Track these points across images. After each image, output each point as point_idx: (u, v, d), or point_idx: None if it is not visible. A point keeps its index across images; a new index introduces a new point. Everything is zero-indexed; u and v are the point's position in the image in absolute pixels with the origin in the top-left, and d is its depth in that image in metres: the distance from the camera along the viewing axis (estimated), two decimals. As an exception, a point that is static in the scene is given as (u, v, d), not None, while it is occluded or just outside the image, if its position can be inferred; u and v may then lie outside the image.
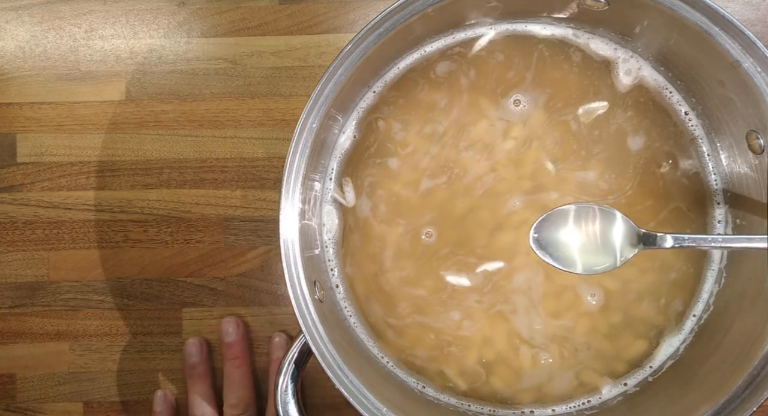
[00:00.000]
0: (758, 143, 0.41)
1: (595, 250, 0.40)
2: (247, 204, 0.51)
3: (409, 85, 0.46)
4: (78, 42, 0.52)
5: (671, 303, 0.46)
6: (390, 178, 0.46)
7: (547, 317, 0.45)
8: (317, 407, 0.50)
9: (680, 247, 0.38)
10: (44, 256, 0.52)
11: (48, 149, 0.52)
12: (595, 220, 0.40)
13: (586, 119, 0.46)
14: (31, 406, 0.51)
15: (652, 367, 0.46)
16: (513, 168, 0.46)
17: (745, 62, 0.39)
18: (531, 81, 0.46)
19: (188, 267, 0.51)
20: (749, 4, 0.50)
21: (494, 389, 0.46)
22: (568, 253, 0.40)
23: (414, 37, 0.45)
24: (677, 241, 0.38)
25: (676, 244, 0.38)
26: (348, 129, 0.47)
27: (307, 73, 0.51)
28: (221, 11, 0.52)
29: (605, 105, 0.46)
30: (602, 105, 0.46)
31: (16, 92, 0.52)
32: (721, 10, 0.38)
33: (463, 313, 0.46)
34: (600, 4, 0.42)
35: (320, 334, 0.40)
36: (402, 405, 0.41)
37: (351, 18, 0.51)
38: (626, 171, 0.46)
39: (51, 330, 0.51)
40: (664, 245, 0.38)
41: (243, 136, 0.51)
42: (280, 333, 0.50)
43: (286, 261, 0.40)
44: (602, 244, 0.40)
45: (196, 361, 0.50)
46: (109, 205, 0.51)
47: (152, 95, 0.52)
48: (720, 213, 0.46)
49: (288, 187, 0.40)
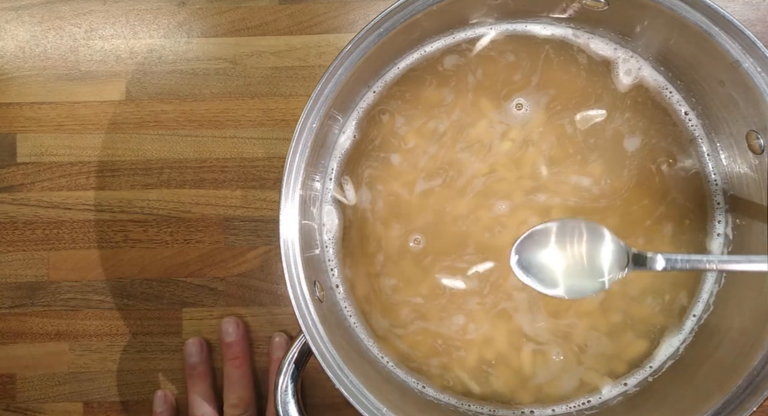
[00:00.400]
0: (758, 143, 0.41)
1: (581, 271, 0.37)
2: (247, 204, 0.51)
3: (414, 81, 0.46)
4: (78, 42, 0.52)
5: (671, 303, 0.46)
6: (390, 175, 0.46)
7: (549, 316, 0.45)
8: (317, 407, 0.50)
9: (672, 269, 0.36)
10: (44, 256, 0.52)
11: (48, 149, 0.52)
12: (582, 238, 0.37)
13: (585, 124, 0.46)
14: (31, 406, 0.51)
15: (652, 367, 0.46)
16: (513, 168, 0.46)
17: (745, 62, 0.39)
18: (535, 84, 0.46)
19: (188, 267, 0.51)
20: (749, 4, 0.50)
21: (494, 389, 0.46)
22: (552, 275, 0.37)
23: (414, 37, 0.45)
24: (669, 263, 0.36)
25: (668, 266, 0.36)
26: (348, 129, 0.47)
27: (307, 73, 0.51)
28: (221, 11, 0.52)
29: (603, 113, 0.46)
30: (601, 113, 0.46)
31: (16, 92, 0.52)
32: (721, 10, 0.38)
33: (465, 316, 0.46)
34: (600, 4, 0.42)
35: (320, 334, 0.40)
36: (402, 405, 0.41)
37: (351, 18, 0.51)
38: (625, 171, 0.46)
39: (51, 330, 0.51)
40: (654, 267, 0.36)
41: (243, 136, 0.51)
42: (280, 333, 0.50)
43: (286, 261, 0.40)
44: (589, 265, 0.37)
45: (196, 361, 0.50)
46: (109, 205, 0.51)
47: (152, 95, 0.52)
48: (720, 213, 0.45)
49: (288, 187, 0.40)
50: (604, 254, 0.37)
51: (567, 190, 0.45)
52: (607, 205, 0.45)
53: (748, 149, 0.42)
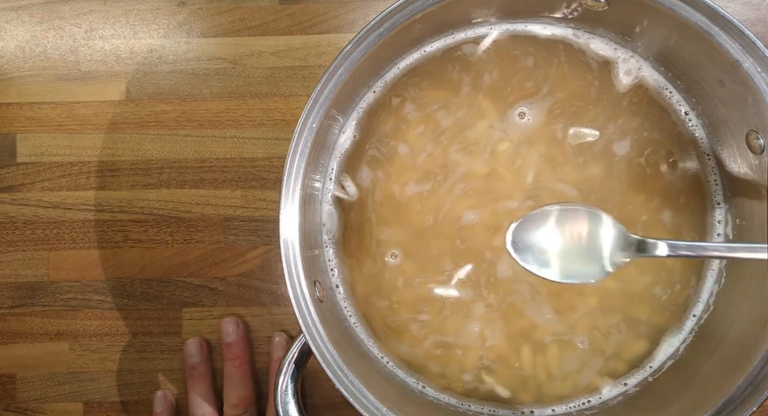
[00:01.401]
0: (758, 143, 0.41)
1: (580, 257, 0.36)
2: (247, 204, 0.51)
3: (412, 86, 0.46)
4: (78, 42, 0.52)
5: (671, 304, 0.46)
6: (393, 169, 0.46)
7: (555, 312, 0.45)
8: (317, 407, 0.50)
9: (676, 256, 0.35)
10: (44, 256, 0.52)
11: (48, 149, 0.52)
12: (582, 224, 0.36)
13: (585, 124, 0.46)
14: (31, 406, 0.51)
15: (652, 367, 0.46)
16: (513, 168, 0.46)
17: (745, 62, 0.39)
18: (537, 84, 0.46)
19: (188, 267, 0.51)
20: (749, 4, 0.50)
21: (494, 389, 0.46)
22: (549, 259, 0.36)
23: (414, 37, 0.45)
24: (672, 249, 0.35)
25: (671, 252, 0.35)
26: (348, 129, 0.47)
27: (307, 73, 0.51)
28: (221, 11, 0.52)
29: (604, 114, 0.46)
30: (601, 113, 0.46)
31: (16, 92, 0.52)
32: (721, 10, 0.38)
33: (470, 319, 0.46)
34: (600, 4, 0.42)
35: (320, 334, 0.40)
36: (402, 405, 0.41)
37: (351, 18, 0.51)
38: (624, 171, 0.46)
39: (51, 330, 0.51)
40: (656, 253, 0.35)
41: (243, 136, 0.51)
42: (281, 332, 0.50)
43: (286, 261, 0.40)
44: (589, 250, 0.36)
45: (196, 361, 0.50)
46: (109, 205, 0.51)
47: (152, 95, 0.52)
48: (720, 213, 0.45)
49: (288, 187, 0.40)
50: (604, 239, 0.36)
51: (565, 191, 0.45)
52: (605, 205, 0.45)
53: (748, 149, 0.42)
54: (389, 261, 0.46)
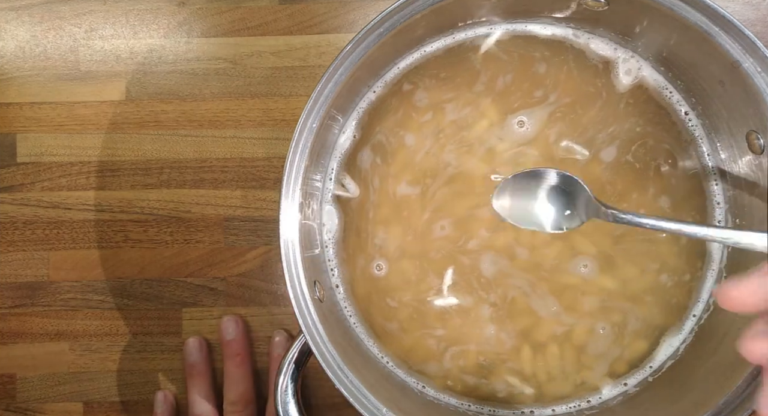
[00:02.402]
0: (758, 143, 0.41)
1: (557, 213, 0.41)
2: (247, 204, 0.51)
3: (405, 91, 0.47)
4: (78, 42, 0.52)
5: (671, 304, 0.46)
6: (389, 174, 0.46)
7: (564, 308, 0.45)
8: (317, 407, 0.50)
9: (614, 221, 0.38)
10: (44, 256, 0.52)
11: (48, 149, 0.52)
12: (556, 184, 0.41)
13: (584, 124, 0.46)
14: (31, 406, 0.51)
15: (652, 367, 0.46)
16: (513, 168, 0.46)
17: (745, 62, 0.39)
18: (536, 86, 0.46)
19: (188, 267, 0.51)
20: (749, 4, 0.50)
21: (494, 389, 0.46)
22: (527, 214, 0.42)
23: (414, 37, 0.45)
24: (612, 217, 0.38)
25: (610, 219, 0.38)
26: (348, 129, 0.47)
27: (307, 73, 0.51)
28: (221, 11, 0.52)
29: (603, 117, 0.46)
30: (600, 115, 0.46)
31: (16, 92, 0.52)
32: (721, 10, 0.38)
33: (477, 321, 0.46)
34: (600, 4, 0.42)
35: (320, 334, 0.40)
36: (402, 405, 0.41)
37: (351, 18, 0.51)
38: (624, 171, 0.46)
39: (51, 330, 0.51)
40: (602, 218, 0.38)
41: (243, 136, 0.51)
42: (281, 331, 0.50)
43: (286, 261, 0.40)
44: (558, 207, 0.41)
45: (196, 360, 0.50)
46: (109, 205, 0.51)
47: (152, 95, 0.52)
48: (720, 213, 0.46)
49: (288, 187, 0.40)
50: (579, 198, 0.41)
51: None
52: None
53: (748, 149, 0.42)
54: (378, 266, 0.46)
